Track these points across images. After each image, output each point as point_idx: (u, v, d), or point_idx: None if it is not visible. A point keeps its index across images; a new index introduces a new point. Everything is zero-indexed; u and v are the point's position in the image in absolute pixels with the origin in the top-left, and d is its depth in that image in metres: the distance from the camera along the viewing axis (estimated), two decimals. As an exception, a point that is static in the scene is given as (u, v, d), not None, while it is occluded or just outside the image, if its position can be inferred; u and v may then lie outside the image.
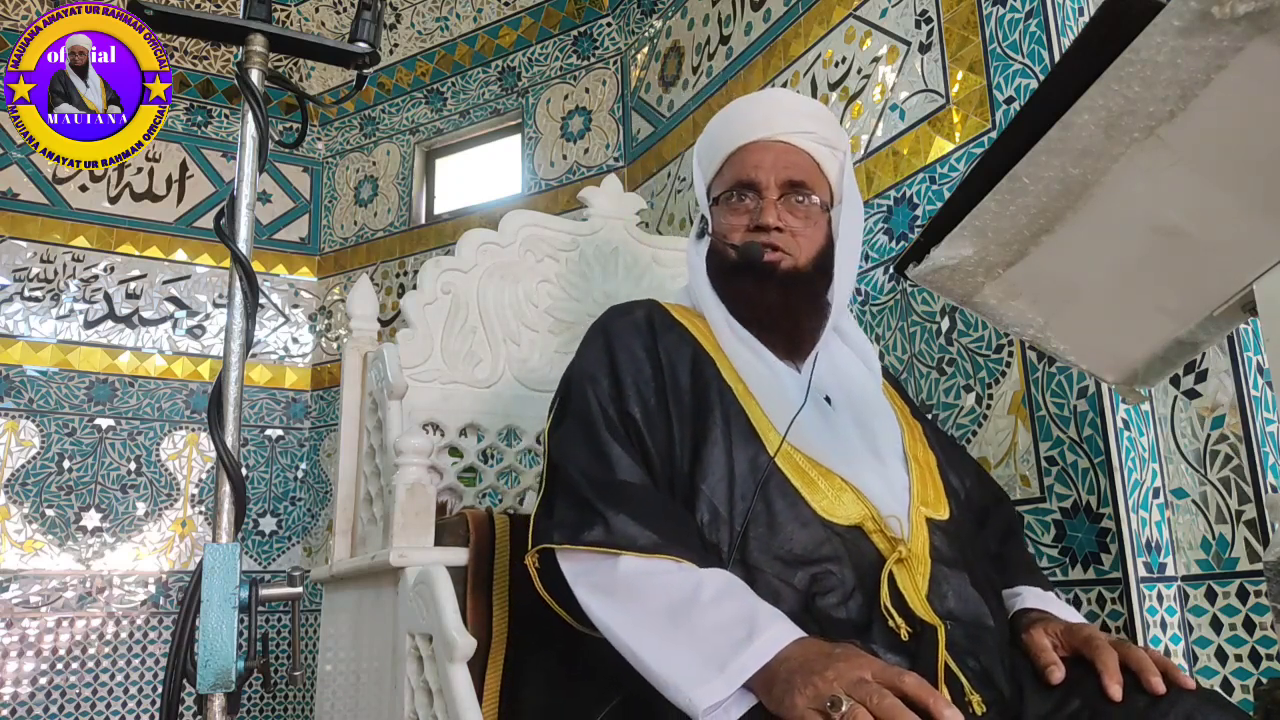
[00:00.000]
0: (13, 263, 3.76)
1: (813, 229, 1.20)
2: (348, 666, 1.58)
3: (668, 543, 0.96)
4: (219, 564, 0.87)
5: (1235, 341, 1.50)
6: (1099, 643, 0.93)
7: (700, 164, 1.31)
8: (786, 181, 1.20)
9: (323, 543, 3.94)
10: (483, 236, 1.75)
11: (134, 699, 3.57)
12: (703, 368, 1.14)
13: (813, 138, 1.23)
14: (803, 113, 1.26)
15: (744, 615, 0.88)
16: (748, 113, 1.27)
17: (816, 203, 1.21)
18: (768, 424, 1.08)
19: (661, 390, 1.11)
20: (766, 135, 1.22)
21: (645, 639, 0.90)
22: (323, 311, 4.25)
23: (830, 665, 0.80)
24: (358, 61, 1.06)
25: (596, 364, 1.15)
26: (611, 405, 1.10)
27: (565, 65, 3.79)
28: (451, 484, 1.66)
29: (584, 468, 1.05)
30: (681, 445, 1.07)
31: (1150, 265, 0.71)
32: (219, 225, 0.96)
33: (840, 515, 1.01)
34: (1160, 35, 0.59)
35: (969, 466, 1.29)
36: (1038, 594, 1.11)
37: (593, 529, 0.97)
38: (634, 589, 0.94)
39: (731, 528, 1.00)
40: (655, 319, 1.20)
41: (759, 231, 1.18)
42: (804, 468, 1.05)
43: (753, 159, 1.22)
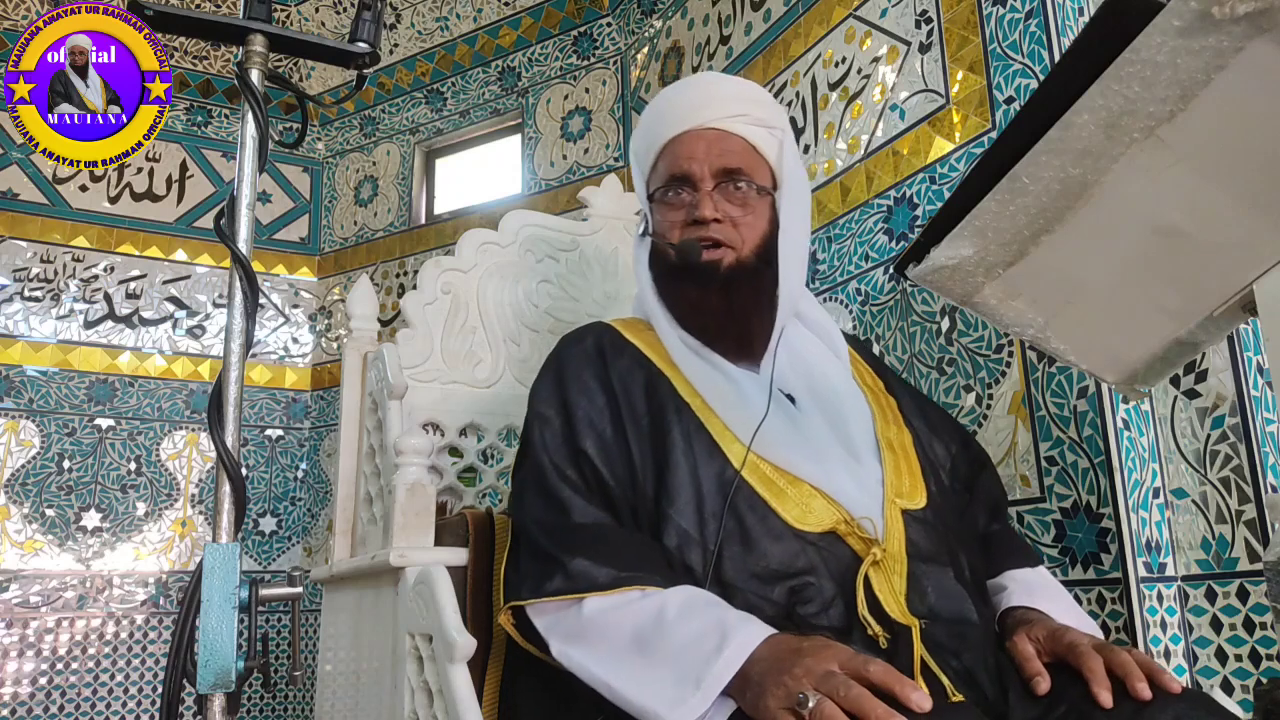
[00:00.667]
0: (13, 263, 3.76)
1: (753, 216, 1.17)
2: (348, 666, 1.58)
3: (629, 573, 0.95)
4: (219, 564, 0.87)
5: (1235, 341, 1.50)
6: (1083, 649, 0.90)
7: (636, 161, 1.28)
8: (721, 170, 1.16)
9: (323, 543, 3.93)
10: (483, 236, 1.75)
11: (134, 699, 3.57)
12: (657, 388, 1.11)
13: (746, 120, 1.18)
14: (733, 95, 1.21)
15: (712, 625, 0.88)
16: (677, 102, 1.23)
17: (755, 188, 1.17)
18: (730, 436, 1.06)
19: (617, 418, 1.10)
20: (697, 124, 1.18)
21: (619, 673, 0.90)
22: (323, 311, 4.25)
23: (799, 661, 0.80)
24: (358, 61, 1.06)
25: (548, 401, 1.14)
26: (562, 447, 1.09)
27: (565, 65, 3.79)
28: (451, 484, 1.66)
29: (539, 518, 1.05)
30: (644, 472, 1.05)
31: (1150, 265, 0.71)
32: (219, 225, 0.96)
33: (812, 523, 0.99)
34: (1160, 35, 0.59)
35: (952, 431, 1.25)
36: (1024, 581, 1.09)
37: (553, 579, 0.97)
38: (601, 626, 0.94)
39: (704, 548, 0.99)
40: (605, 345, 1.18)
41: (696, 226, 1.15)
42: (772, 478, 1.03)
43: (685, 150, 1.18)
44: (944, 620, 0.95)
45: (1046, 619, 1.01)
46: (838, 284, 2.22)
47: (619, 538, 1.02)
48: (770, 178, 1.20)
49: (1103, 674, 0.87)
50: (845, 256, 2.21)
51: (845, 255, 2.21)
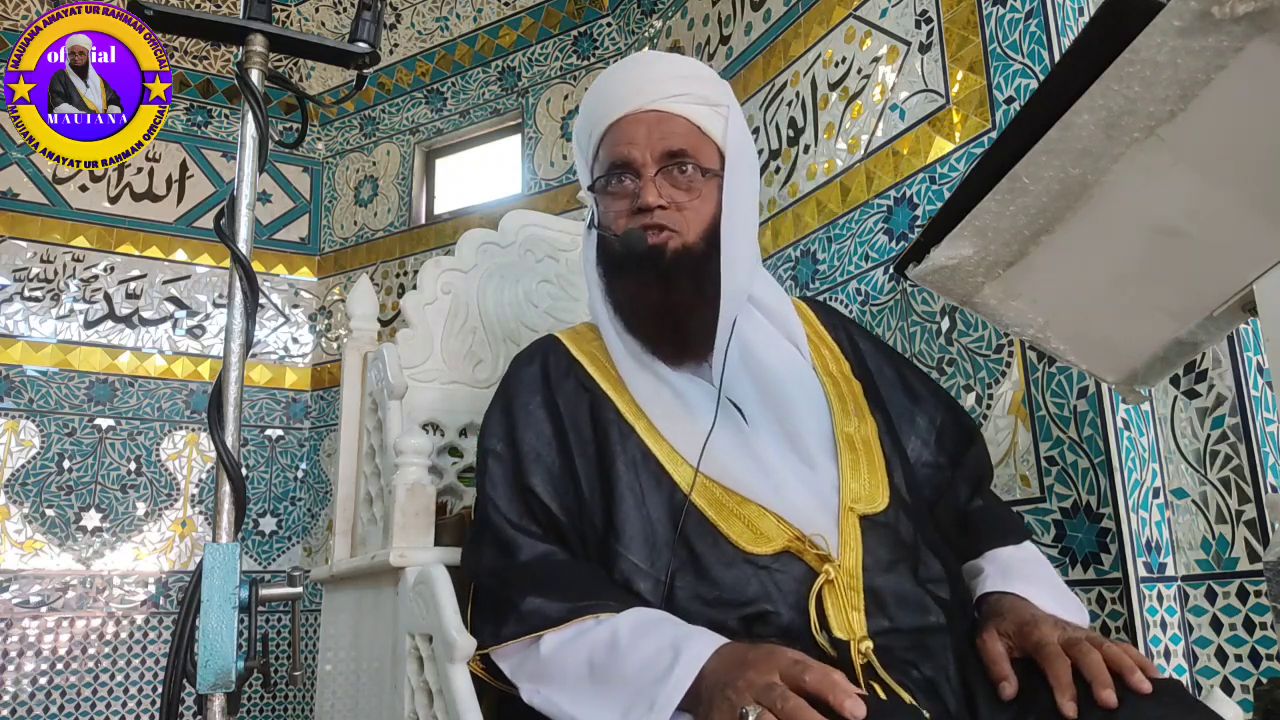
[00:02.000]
0: (13, 263, 3.76)
1: (699, 200, 1.11)
2: (348, 666, 1.58)
3: (580, 604, 0.95)
4: (219, 564, 0.86)
5: (1235, 341, 1.50)
6: (1050, 651, 0.85)
7: (578, 148, 1.23)
8: (664, 153, 1.10)
9: (323, 543, 3.93)
10: (483, 236, 1.75)
11: (134, 699, 3.57)
12: (602, 413, 1.09)
13: (688, 99, 1.13)
14: (674, 74, 1.16)
15: (664, 645, 0.88)
16: (615, 85, 1.17)
17: (700, 170, 1.11)
18: (677, 458, 1.04)
19: (565, 449, 1.08)
20: (637, 106, 1.12)
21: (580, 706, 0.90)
22: (323, 311, 4.25)
23: (742, 674, 0.80)
24: (358, 61, 1.05)
25: (496, 434, 1.13)
26: (511, 482, 1.08)
27: (565, 65, 3.79)
28: (451, 484, 1.66)
29: (489, 565, 1.05)
30: (592, 504, 1.04)
31: (1150, 265, 0.71)
32: (219, 225, 0.96)
33: (763, 546, 0.97)
34: (1160, 35, 0.59)
35: (939, 400, 1.20)
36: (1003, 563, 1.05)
37: (508, 622, 0.98)
38: (560, 663, 0.94)
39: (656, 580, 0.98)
40: (551, 367, 1.16)
41: (641, 214, 1.09)
42: (721, 499, 1.00)
43: (625, 135, 1.12)
44: (904, 631, 0.93)
45: (1020, 608, 0.95)
46: (838, 284, 2.22)
47: (568, 569, 1.02)
48: (718, 157, 1.14)
49: (1068, 680, 0.82)
50: (845, 256, 2.21)
51: (845, 255, 2.21)
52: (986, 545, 1.08)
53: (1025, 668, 0.89)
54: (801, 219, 2.40)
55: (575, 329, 1.25)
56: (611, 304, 1.14)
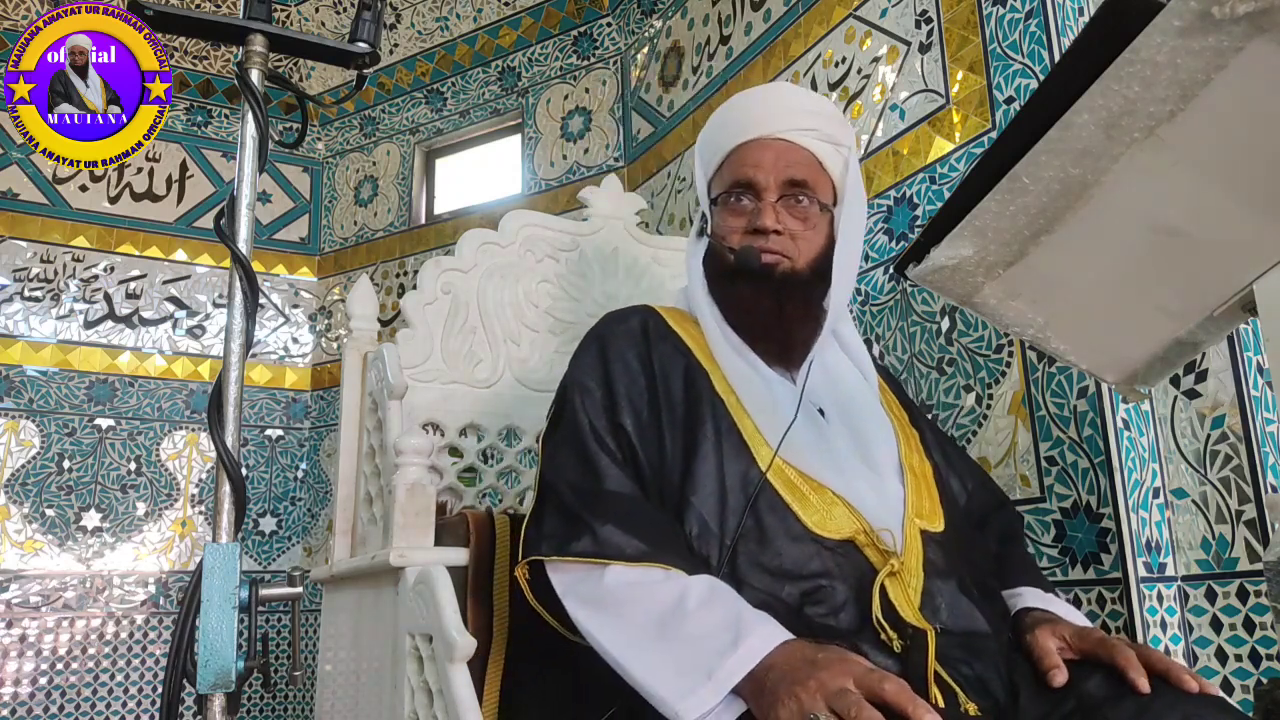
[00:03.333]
0: (13, 263, 3.76)
1: (812, 231, 1.17)
2: (348, 666, 1.58)
3: (655, 551, 0.95)
4: (219, 564, 0.86)
5: (1235, 341, 1.50)
6: (1114, 642, 0.91)
7: (701, 161, 1.28)
8: (787, 181, 1.17)
9: (323, 543, 3.93)
10: (483, 236, 1.75)
11: (134, 699, 3.57)
12: (695, 379, 1.12)
13: (815, 135, 1.19)
14: (805, 109, 1.22)
15: (729, 620, 0.88)
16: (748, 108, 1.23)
17: (817, 203, 1.18)
18: (759, 437, 1.07)
19: (655, 401, 1.10)
20: (767, 132, 1.19)
21: (633, 652, 0.90)
22: (323, 311, 4.25)
23: (813, 675, 0.79)
24: (358, 61, 1.06)
25: (590, 373, 1.14)
26: (603, 416, 1.10)
27: (565, 65, 3.79)
28: (451, 484, 1.66)
29: (572, 480, 1.05)
30: (673, 457, 1.06)
31: (1150, 265, 0.71)
32: (219, 225, 0.96)
33: (831, 530, 1.00)
34: (1160, 35, 0.59)
35: (971, 470, 1.27)
36: (1038, 594, 1.10)
37: (580, 540, 0.97)
38: (621, 600, 0.94)
39: (721, 542, 0.99)
40: (650, 327, 1.19)
41: (757, 234, 1.15)
42: (795, 482, 1.03)
43: (752, 157, 1.18)
44: (955, 633, 0.96)
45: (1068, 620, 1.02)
46: (838, 284, 2.22)
47: (649, 513, 1.02)
48: (831, 194, 1.21)
49: (1139, 664, 0.87)
50: (845, 256, 2.21)
51: (845, 255, 2.21)
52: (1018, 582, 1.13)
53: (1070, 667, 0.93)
54: (801, 219, 2.39)
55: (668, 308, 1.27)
56: (718, 302, 1.18)
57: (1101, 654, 0.91)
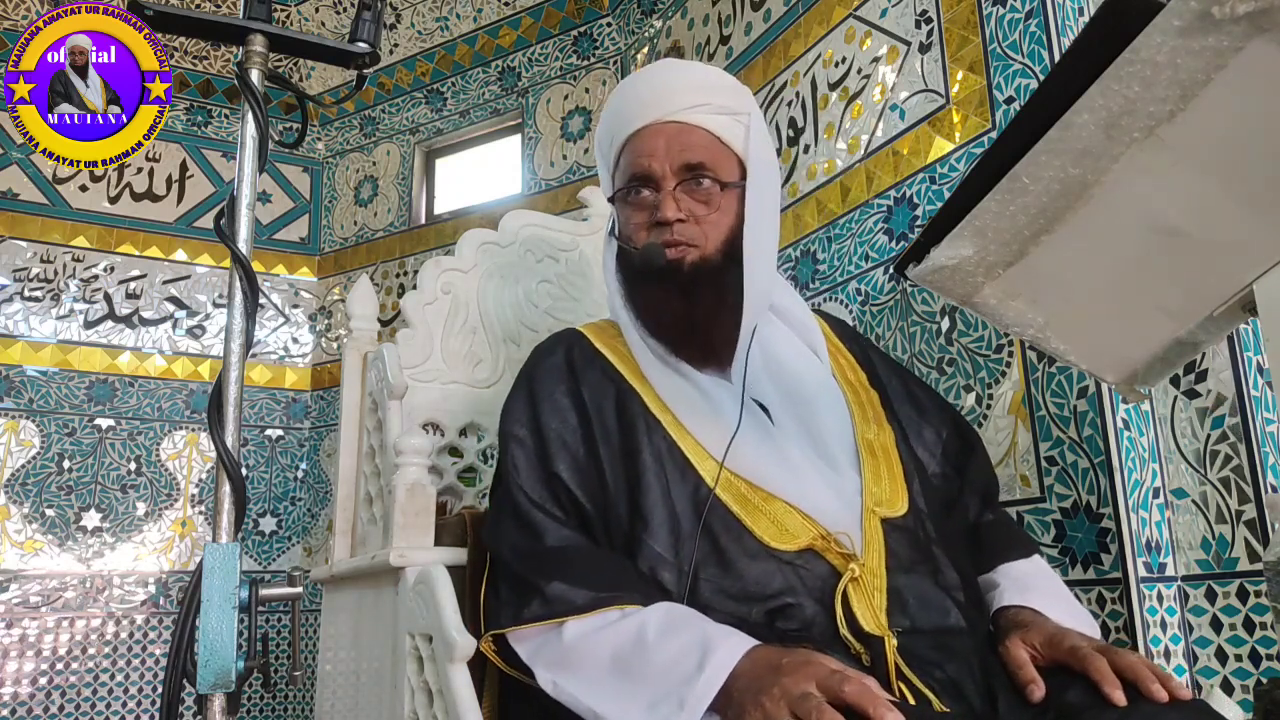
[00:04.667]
0: (13, 263, 3.75)
1: (718, 213, 1.11)
2: (348, 666, 1.58)
3: (606, 594, 0.94)
4: (219, 564, 0.86)
5: (1235, 341, 1.50)
6: (1085, 652, 0.88)
7: (600, 156, 1.24)
8: (683, 166, 1.11)
9: (323, 543, 3.93)
10: (483, 236, 1.75)
11: (134, 699, 3.57)
12: (628, 405, 1.09)
13: (709, 109, 1.13)
14: (695, 85, 1.15)
15: (693, 643, 0.87)
16: (636, 94, 1.16)
17: (719, 183, 1.11)
18: (703, 452, 1.04)
19: (589, 437, 1.08)
20: (658, 117, 1.12)
21: (603, 699, 0.89)
22: (323, 311, 4.25)
23: (777, 682, 0.79)
24: (358, 61, 1.05)
25: (519, 420, 1.12)
26: (536, 468, 1.08)
27: (565, 65, 3.79)
28: (451, 484, 1.66)
29: (513, 544, 1.04)
30: (617, 492, 1.04)
31: (1150, 265, 0.72)
32: (219, 225, 0.96)
33: (788, 541, 0.98)
34: (1160, 35, 0.59)
35: (944, 414, 1.22)
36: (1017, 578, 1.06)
37: (530, 604, 0.96)
38: (583, 652, 0.93)
39: (679, 571, 0.98)
40: (575, 357, 1.16)
41: (660, 228, 1.10)
42: (746, 495, 1.01)
43: (645, 146, 1.13)
44: (926, 631, 0.94)
45: (1043, 622, 0.98)
46: (838, 284, 2.22)
47: (594, 558, 1.01)
48: (738, 167, 1.14)
49: (1111, 675, 0.84)
50: (845, 256, 2.21)
51: (845, 255, 2.21)
52: (998, 560, 1.09)
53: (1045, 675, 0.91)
54: (801, 219, 2.40)
55: (597, 324, 1.25)
56: (633, 309, 1.15)
57: (1073, 664, 0.89)
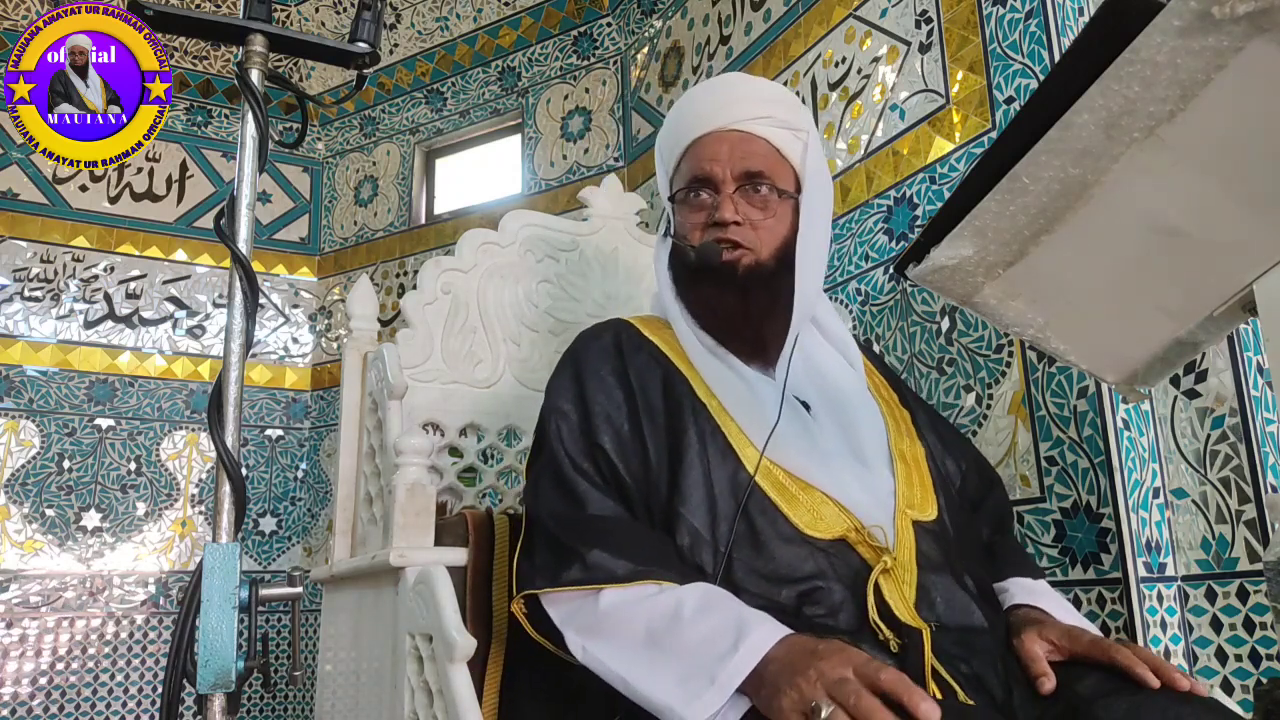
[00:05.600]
0: (13, 263, 3.76)
1: (774, 219, 1.16)
2: (348, 666, 1.58)
3: (646, 567, 0.95)
4: (219, 564, 0.86)
5: (1235, 341, 1.50)
6: (1107, 643, 0.91)
7: (660, 160, 1.28)
8: (743, 173, 1.15)
9: (323, 543, 3.93)
10: (483, 236, 1.75)
11: (134, 699, 3.57)
12: (674, 386, 1.12)
13: (770, 122, 1.18)
14: (758, 97, 1.21)
15: (728, 624, 0.88)
16: (701, 102, 1.22)
17: (776, 192, 1.16)
18: (745, 440, 1.06)
19: (634, 414, 1.10)
20: (721, 125, 1.18)
21: (634, 669, 0.90)
22: (323, 311, 4.25)
23: (813, 664, 0.80)
24: (358, 61, 1.05)
25: (565, 396, 1.14)
26: (580, 440, 1.09)
27: (565, 65, 3.79)
28: (451, 484, 1.66)
29: (555, 510, 1.05)
30: (658, 469, 1.06)
31: (1150, 265, 0.71)
32: (219, 225, 0.96)
33: (822, 530, 1.00)
34: (1160, 35, 0.59)
35: (965, 450, 1.26)
36: (1026, 586, 1.10)
37: (570, 569, 0.97)
38: (617, 621, 0.94)
39: (715, 549, 0.99)
40: (624, 340, 1.18)
41: (717, 228, 1.14)
42: (784, 483, 1.03)
43: (708, 151, 1.17)
44: (951, 628, 0.95)
45: (1055, 620, 1.01)
46: (838, 284, 2.22)
47: (635, 531, 1.02)
48: (793, 181, 1.19)
49: (1139, 660, 0.87)
50: (845, 256, 2.21)
51: (845, 255, 2.21)
52: (1008, 574, 1.13)
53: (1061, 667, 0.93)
54: (801, 219, 2.39)
55: (643, 317, 1.27)
56: (685, 303, 1.18)
57: (1096, 655, 0.91)
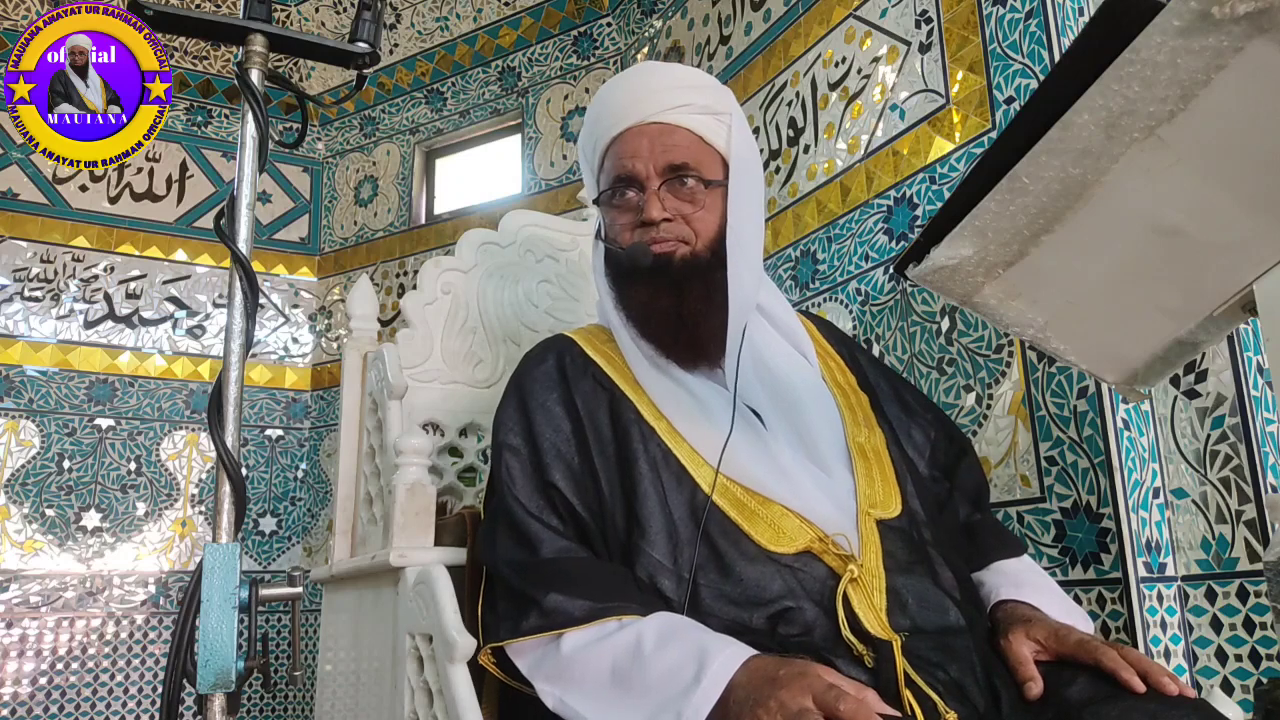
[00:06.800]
0: (13, 263, 3.76)
1: (704, 210, 1.12)
2: (348, 666, 1.58)
3: (603, 604, 0.94)
4: (219, 564, 0.86)
5: (1235, 341, 1.50)
6: (1095, 644, 0.89)
7: (584, 160, 1.24)
8: (667, 166, 1.11)
9: (323, 543, 3.93)
10: (483, 236, 1.75)
11: (134, 699, 3.57)
12: (621, 414, 1.09)
13: (690, 110, 1.13)
14: (676, 85, 1.16)
15: (690, 654, 0.87)
16: (617, 97, 1.17)
17: (704, 182, 1.12)
18: (698, 459, 1.04)
19: (584, 446, 1.08)
20: (640, 119, 1.13)
21: (601, 713, 0.89)
22: (323, 311, 4.25)
23: (773, 695, 0.79)
24: (358, 61, 1.05)
25: (514, 430, 1.12)
26: (531, 478, 1.07)
27: (565, 65, 3.79)
28: (451, 484, 1.66)
29: (509, 557, 1.04)
30: (613, 501, 1.04)
31: (1150, 265, 0.71)
32: (219, 225, 0.96)
33: (785, 544, 0.97)
34: (1160, 35, 0.59)
35: (932, 416, 1.22)
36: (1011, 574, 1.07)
37: (528, 617, 0.96)
38: (581, 664, 0.93)
39: (678, 578, 0.98)
40: (568, 364, 1.16)
41: (646, 228, 1.11)
42: (742, 500, 1.01)
43: (628, 148, 1.13)
44: (928, 632, 0.93)
45: (1043, 616, 0.99)
46: (838, 284, 2.22)
47: (591, 568, 1.01)
48: (721, 167, 1.15)
49: (1125, 664, 0.86)
50: (845, 256, 2.21)
51: (845, 255, 2.21)
52: (990, 558, 1.10)
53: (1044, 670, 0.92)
54: (801, 219, 2.40)
55: (586, 329, 1.25)
56: (623, 310, 1.15)
57: (1083, 656, 0.90)
